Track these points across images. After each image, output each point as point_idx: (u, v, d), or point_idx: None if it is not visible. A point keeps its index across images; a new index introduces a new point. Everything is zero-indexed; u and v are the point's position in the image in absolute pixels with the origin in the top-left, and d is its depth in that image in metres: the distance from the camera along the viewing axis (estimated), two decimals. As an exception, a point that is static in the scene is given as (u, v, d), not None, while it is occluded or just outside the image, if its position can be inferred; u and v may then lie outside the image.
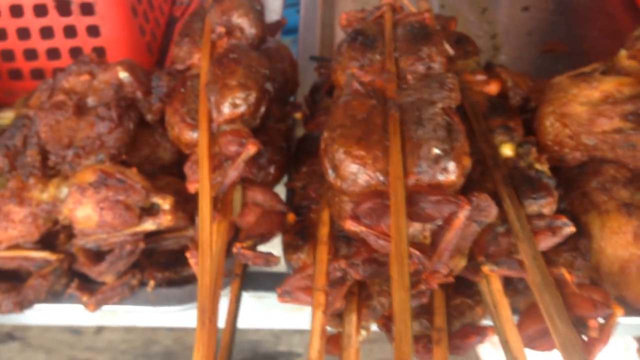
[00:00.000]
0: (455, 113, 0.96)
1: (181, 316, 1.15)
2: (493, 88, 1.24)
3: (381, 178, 0.91)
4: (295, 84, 1.35)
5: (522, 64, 1.63)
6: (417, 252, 0.85)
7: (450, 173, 0.91)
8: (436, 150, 0.91)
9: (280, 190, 1.22)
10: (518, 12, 1.78)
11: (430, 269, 0.88)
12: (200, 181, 1.01)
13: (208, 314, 0.87)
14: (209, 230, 0.96)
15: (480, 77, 1.26)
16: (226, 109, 1.08)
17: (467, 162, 0.93)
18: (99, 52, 1.50)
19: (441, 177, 0.91)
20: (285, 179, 1.24)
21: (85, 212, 1.06)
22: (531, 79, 1.29)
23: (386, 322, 0.94)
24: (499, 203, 0.99)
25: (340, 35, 1.73)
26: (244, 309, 1.06)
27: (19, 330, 2.04)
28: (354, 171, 0.92)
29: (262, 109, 1.12)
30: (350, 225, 0.89)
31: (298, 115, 1.29)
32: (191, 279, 1.17)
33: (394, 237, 0.84)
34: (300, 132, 1.34)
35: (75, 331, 2.08)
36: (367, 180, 0.92)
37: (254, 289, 1.18)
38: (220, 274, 0.94)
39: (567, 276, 0.94)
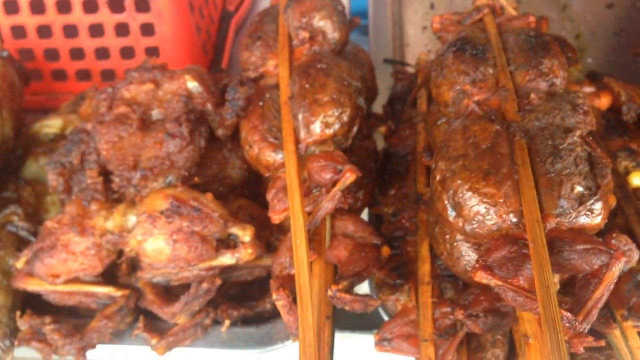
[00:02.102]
0: (595, 142, 0.83)
1: (259, 358, 1.03)
2: (604, 102, 1.11)
3: (514, 220, 0.78)
4: (375, 93, 1.21)
5: (612, 68, 1.48)
6: (569, 315, 0.72)
7: (596, 215, 0.78)
8: (579, 188, 0.78)
9: (362, 216, 1.09)
10: (602, 9, 1.63)
11: (577, 330, 0.75)
12: (293, 215, 0.88)
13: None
14: (307, 274, 0.83)
15: (589, 89, 1.12)
16: (317, 129, 0.95)
17: (613, 201, 0.80)
18: (153, 52, 1.36)
19: (585, 220, 0.77)
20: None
21: (157, 244, 0.93)
22: (642, 88, 1.15)
23: (519, 389, 0.81)
24: (636, 243, 0.86)
25: (409, 34, 1.59)
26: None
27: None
28: (481, 212, 0.79)
29: (355, 128, 0.98)
30: (482, 278, 0.75)
31: (382, 130, 1.16)
32: (267, 316, 1.04)
33: (540, 295, 0.71)
34: (378, 145, 1.20)
35: None
36: (497, 222, 0.78)
37: (339, 329, 1.05)
38: (322, 326, 0.81)
39: None
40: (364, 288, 1.02)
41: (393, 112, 1.24)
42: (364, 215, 1.11)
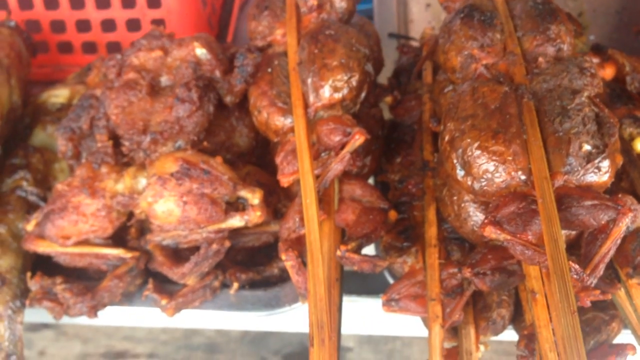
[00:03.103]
0: (602, 103, 0.84)
1: (266, 320, 1.04)
2: (609, 72, 1.12)
3: (522, 177, 0.79)
4: (381, 64, 1.22)
5: (614, 45, 1.47)
6: (577, 267, 0.73)
7: (604, 173, 0.79)
8: (587, 147, 0.79)
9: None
10: (604, -12, 1.64)
11: (584, 284, 0.76)
12: (302, 175, 0.89)
13: (327, 330, 0.76)
14: (317, 231, 0.84)
15: (594, 60, 1.13)
16: (326, 93, 0.96)
17: (620, 160, 0.81)
18: (158, 24, 1.36)
19: (593, 178, 0.79)
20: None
21: (167, 206, 0.94)
22: (647, 62, 1.16)
23: (527, 344, 0.82)
24: (641, 206, 0.88)
25: (414, 11, 1.60)
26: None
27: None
28: (490, 169, 0.80)
29: (364, 93, 0.99)
30: (491, 232, 0.77)
31: (388, 100, 1.17)
32: (274, 280, 1.05)
33: (549, 248, 0.72)
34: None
35: (126, 325, 1.96)
36: (506, 180, 0.80)
37: (346, 293, 1.06)
38: (333, 282, 0.82)
39: None
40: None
41: (398, 84, 1.25)
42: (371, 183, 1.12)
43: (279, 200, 1.08)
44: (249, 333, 1.96)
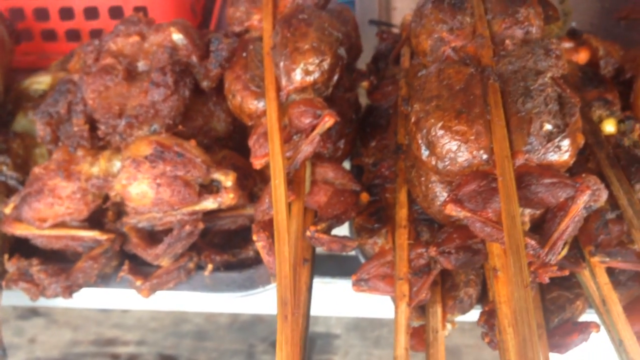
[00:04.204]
0: (566, 84, 0.85)
1: (241, 301, 1.06)
2: (582, 56, 1.13)
3: (484, 157, 0.81)
4: (359, 50, 1.23)
5: (595, 31, 1.49)
6: (533, 242, 0.74)
7: (564, 152, 0.80)
8: (548, 126, 0.80)
9: (345, 167, 1.12)
10: (587, -25, 1.64)
11: (542, 260, 0.77)
12: (272, 157, 0.90)
13: (290, 306, 0.77)
14: (285, 212, 0.85)
15: (568, 45, 1.14)
16: (297, 76, 0.97)
17: (581, 139, 0.82)
18: (141, 12, 1.37)
19: (553, 157, 0.80)
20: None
21: (141, 188, 0.96)
22: (622, 47, 1.17)
23: (487, 319, 0.84)
24: (606, 186, 0.89)
25: (397, -2, 1.61)
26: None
27: (43, 305, 1.95)
28: (453, 149, 0.81)
29: (336, 77, 1.01)
30: (452, 210, 0.78)
31: (364, 85, 1.18)
32: (250, 262, 1.07)
33: (506, 225, 0.74)
34: (362, 101, 1.22)
35: (103, 308, 1.99)
36: (468, 159, 0.81)
37: (320, 274, 1.08)
38: (299, 261, 0.84)
39: (692, 271, 0.83)
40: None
41: (377, 70, 1.26)
42: (347, 167, 1.13)
43: (255, 184, 1.10)
44: (237, 320, 1.97)
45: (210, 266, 1.02)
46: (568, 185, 0.76)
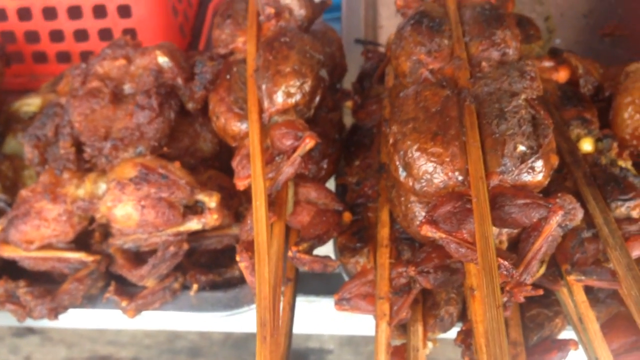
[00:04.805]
0: (540, 105, 0.86)
1: (226, 321, 1.07)
2: (562, 75, 1.14)
3: (460, 178, 0.82)
4: (344, 70, 1.25)
5: (580, 48, 1.52)
6: (506, 263, 0.76)
7: (537, 173, 0.81)
8: (522, 147, 0.81)
9: (330, 186, 1.13)
10: (572, -8, 1.66)
11: (517, 280, 0.79)
12: (254, 178, 0.92)
13: (269, 328, 0.79)
14: (265, 233, 0.86)
15: (548, 64, 1.15)
16: (279, 99, 0.98)
17: (555, 160, 0.83)
18: (130, 34, 1.40)
19: (527, 178, 0.81)
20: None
21: (125, 210, 0.97)
22: (602, 65, 1.18)
23: (464, 339, 0.85)
24: (582, 204, 0.90)
25: (384, 16, 1.63)
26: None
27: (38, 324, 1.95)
28: (429, 170, 0.83)
29: (317, 98, 1.02)
30: (427, 231, 0.79)
31: (348, 104, 1.19)
32: (235, 282, 1.08)
33: (479, 246, 0.75)
34: (347, 120, 1.24)
35: (90, 327, 1.99)
36: (444, 180, 0.82)
37: (305, 293, 1.09)
38: (279, 282, 0.85)
39: (666, 289, 0.84)
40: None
41: (362, 89, 1.27)
42: (332, 186, 1.14)
43: (240, 203, 1.11)
44: (231, 337, 1.98)
45: (195, 286, 1.03)
46: (541, 206, 0.78)
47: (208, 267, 1.10)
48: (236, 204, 1.10)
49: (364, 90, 1.27)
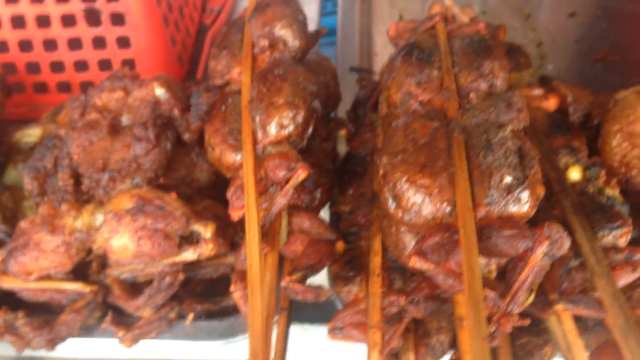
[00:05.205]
0: (526, 136, 0.88)
1: (223, 350, 1.08)
2: (552, 103, 1.16)
3: (448, 209, 0.84)
4: (338, 98, 1.27)
5: (571, 74, 1.54)
6: (492, 294, 0.77)
7: (524, 204, 0.83)
8: (508, 179, 0.83)
9: (324, 214, 1.15)
10: (564, 19, 1.69)
11: (504, 310, 0.80)
12: (247, 210, 0.94)
13: (261, 358, 0.80)
14: (258, 264, 0.88)
15: (538, 92, 1.17)
16: (272, 130, 1.00)
17: (541, 191, 0.85)
18: (129, 64, 1.43)
19: (513, 208, 0.83)
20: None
21: (122, 241, 0.99)
22: (591, 92, 1.20)
23: (454, 368, 0.86)
24: (570, 233, 0.91)
25: (378, 44, 1.66)
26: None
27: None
28: (418, 202, 0.84)
29: (310, 129, 1.04)
30: (416, 262, 0.81)
31: (342, 133, 1.21)
32: (231, 310, 1.09)
33: (466, 277, 0.76)
34: (341, 149, 1.26)
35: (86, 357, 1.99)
36: (432, 212, 0.84)
37: (299, 321, 1.10)
38: (271, 313, 0.86)
39: (653, 318, 0.85)
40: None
41: (356, 117, 1.29)
42: (327, 214, 1.16)
43: (236, 233, 1.13)
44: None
45: (191, 315, 1.04)
46: (527, 237, 0.79)
47: (204, 296, 1.11)
48: (232, 233, 1.11)
49: (358, 119, 1.29)
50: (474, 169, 0.85)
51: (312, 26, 1.53)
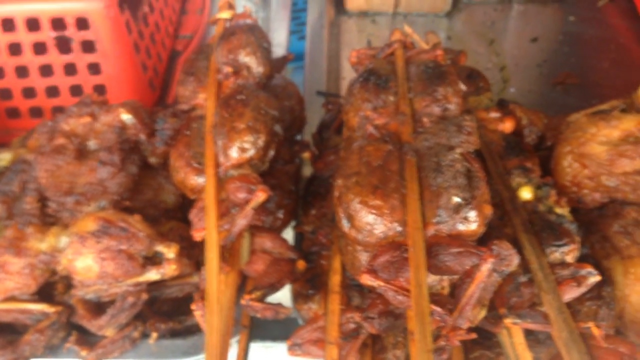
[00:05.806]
0: (474, 159, 0.92)
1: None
2: (508, 126, 1.20)
3: (399, 229, 0.87)
4: (303, 122, 1.31)
5: (533, 96, 1.59)
6: (439, 309, 0.80)
7: (471, 222, 0.87)
8: (456, 199, 0.87)
9: (288, 233, 1.18)
10: (527, 44, 1.75)
11: (452, 324, 0.83)
12: (207, 231, 0.96)
13: (217, 376, 0.82)
14: (216, 283, 0.91)
15: (495, 115, 1.21)
16: (234, 154, 1.03)
17: (489, 210, 0.88)
18: (100, 90, 1.46)
19: (462, 227, 0.86)
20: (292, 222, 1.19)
21: (86, 262, 1.01)
22: (546, 115, 1.25)
23: (406, 382, 0.89)
24: (519, 250, 0.95)
25: (346, 68, 1.70)
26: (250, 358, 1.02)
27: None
28: (370, 222, 0.88)
29: (271, 153, 1.07)
30: (367, 280, 0.84)
31: (306, 155, 1.25)
32: (195, 329, 1.12)
33: (414, 293, 0.80)
34: (307, 170, 1.30)
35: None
36: (384, 231, 0.87)
37: (262, 339, 1.12)
38: (228, 331, 0.89)
39: (596, 331, 0.89)
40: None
41: (321, 140, 1.33)
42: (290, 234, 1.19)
43: (201, 253, 1.15)
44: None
45: (154, 334, 1.06)
46: (473, 254, 0.83)
47: (169, 315, 1.13)
48: (197, 254, 1.14)
49: (323, 141, 1.33)
50: (425, 190, 0.89)
51: (281, 51, 1.58)
